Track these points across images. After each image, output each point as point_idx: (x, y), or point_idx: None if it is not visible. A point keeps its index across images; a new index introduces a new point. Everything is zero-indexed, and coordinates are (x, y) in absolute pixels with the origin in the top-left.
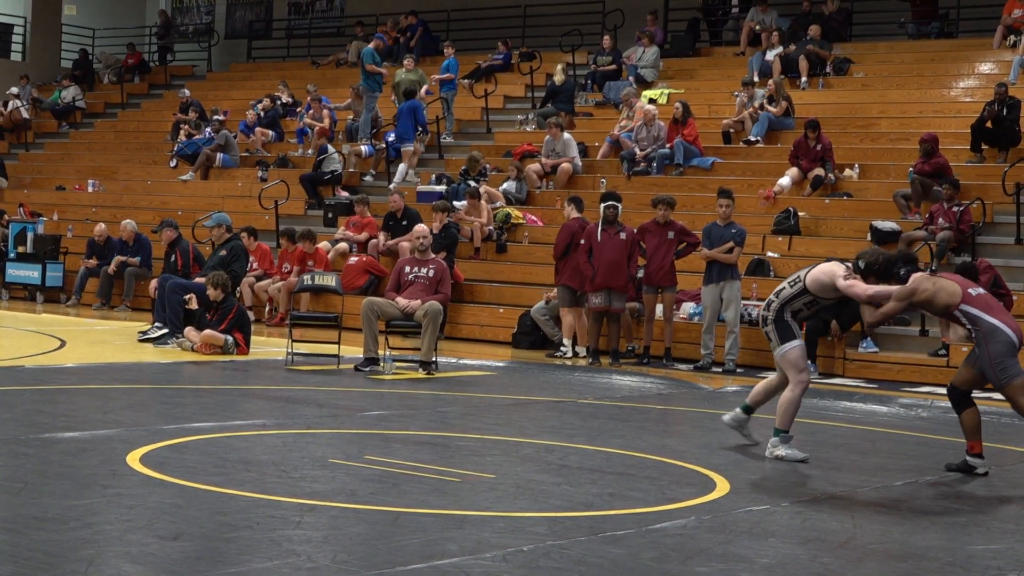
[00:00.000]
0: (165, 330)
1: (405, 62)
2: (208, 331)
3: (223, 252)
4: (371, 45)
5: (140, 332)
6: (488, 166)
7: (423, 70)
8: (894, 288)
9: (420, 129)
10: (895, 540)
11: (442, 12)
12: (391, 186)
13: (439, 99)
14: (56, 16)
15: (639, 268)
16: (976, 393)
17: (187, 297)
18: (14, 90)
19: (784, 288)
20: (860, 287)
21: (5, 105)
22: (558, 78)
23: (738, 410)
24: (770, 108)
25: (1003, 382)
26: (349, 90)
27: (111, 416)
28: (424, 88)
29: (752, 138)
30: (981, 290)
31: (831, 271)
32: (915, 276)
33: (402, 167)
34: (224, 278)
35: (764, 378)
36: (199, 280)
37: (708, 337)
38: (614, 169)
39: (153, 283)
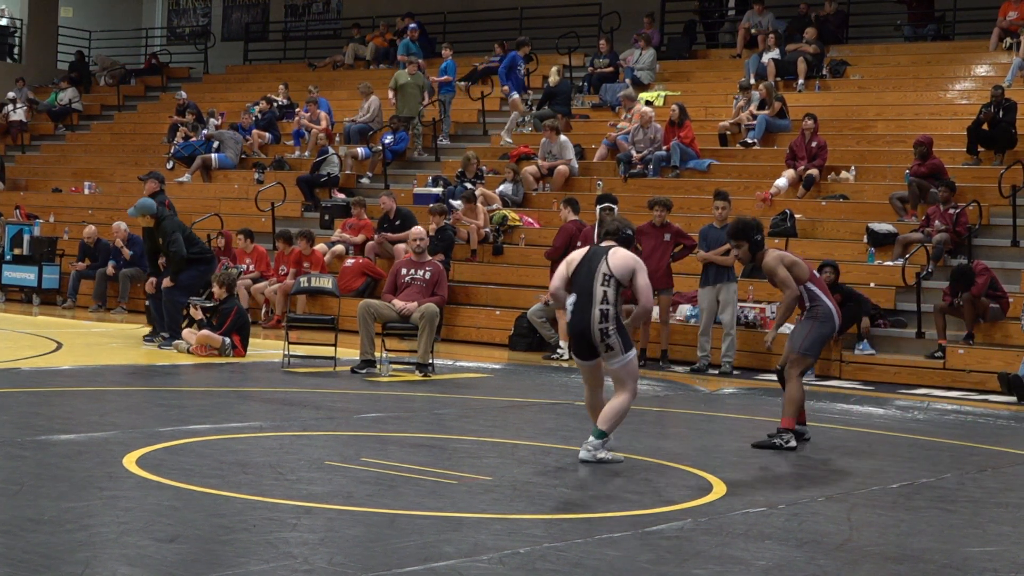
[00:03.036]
0: (167, 335)
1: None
2: (205, 331)
3: (160, 240)
4: (407, 37)
5: (145, 337)
6: (484, 168)
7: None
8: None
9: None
10: (891, 542)
11: (439, 14)
12: (503, 133)
13: (436, 101)
14: (52, 18)
15: None
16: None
17: (193, 307)
18: (11, 94)
19: (608, 291)
20: (648, 293)
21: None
22: (552, 79)
23: (592, 439)
24: (762, 112)
25: (800, 353)
26: (358, 88)
27: (107, 418)
28: (428, 92)
29: (749, 140)
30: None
31: (634, 258)
32: (773, 254)
33: (514, 115)
34: (232, 277)
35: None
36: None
37: (705, 339)
38: (610, 171)
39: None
